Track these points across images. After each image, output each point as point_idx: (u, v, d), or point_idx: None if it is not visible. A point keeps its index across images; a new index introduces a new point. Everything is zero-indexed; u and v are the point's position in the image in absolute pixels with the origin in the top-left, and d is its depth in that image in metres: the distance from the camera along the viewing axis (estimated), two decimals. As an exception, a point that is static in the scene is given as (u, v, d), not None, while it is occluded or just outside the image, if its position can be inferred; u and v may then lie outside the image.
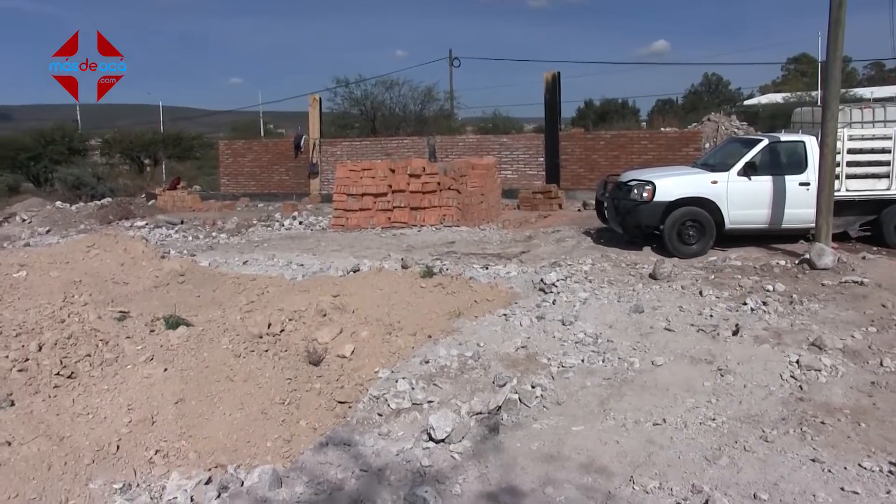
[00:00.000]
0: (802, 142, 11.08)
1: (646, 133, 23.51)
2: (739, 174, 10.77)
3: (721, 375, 5.66)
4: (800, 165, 10.93)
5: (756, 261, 9.92)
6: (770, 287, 8.27)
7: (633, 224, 11.02)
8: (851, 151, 11.07)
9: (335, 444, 4.65)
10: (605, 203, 12.03)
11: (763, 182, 10.78)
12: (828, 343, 6.18)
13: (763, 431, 4.73)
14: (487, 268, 9.74)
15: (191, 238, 14.39)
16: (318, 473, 4.27)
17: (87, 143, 31.18)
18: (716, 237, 10.74)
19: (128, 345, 5.90)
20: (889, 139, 11.16)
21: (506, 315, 7.29)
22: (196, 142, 34.55)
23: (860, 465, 4.24)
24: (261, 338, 6.17)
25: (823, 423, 4.82)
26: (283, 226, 15.91)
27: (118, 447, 4.67)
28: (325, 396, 5.53)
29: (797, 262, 9.49)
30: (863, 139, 11.22)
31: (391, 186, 14.50)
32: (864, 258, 9.80)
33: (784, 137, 11.68)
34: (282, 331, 6.44)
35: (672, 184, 10.98)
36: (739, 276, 9.00)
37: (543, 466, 4.36)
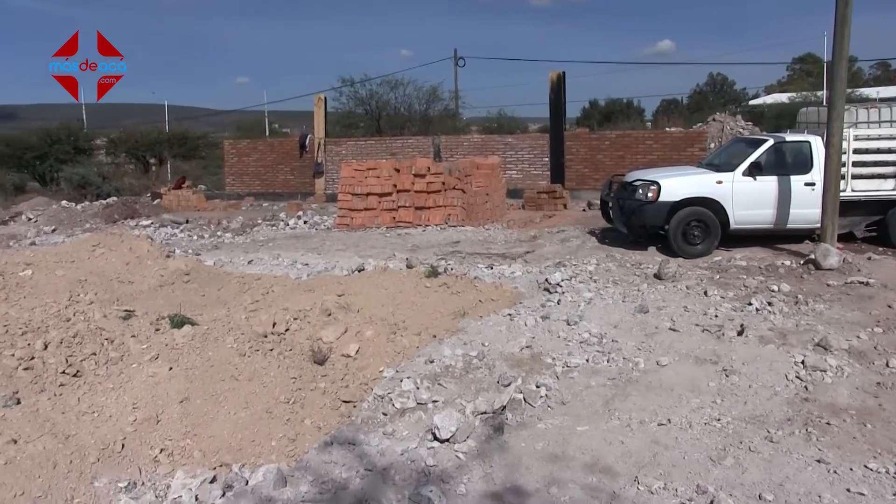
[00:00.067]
0: (808, 142, 11.05)
1: (651, 133, 23.46)
2: (744, 174, 10.75)
3: (726, 376, 5.65)
4: (805, 165, 10.90)
5: (761, 261, 9.90)
6: (775, 287, 8.26)
7: (638, 224, 11.00)
8: (857, 151, 11.05)
9: (340, 444, 4.65)
10: (610, 203, 12.02)
11: (768, 182, 10.76)
12: (833, 344, 6.16)
13: (768, 432, 4.72)
14: (492, 267, 9.73)
15: (196, 237, 14.41)
16: (323, 473, 4.27)
17: (93, 143, 31.28)
18: (721, 237, 10.73)
19: (133, 344, 5.91)
20: (895, 139, 11.13)
21: (510, 315, 7.28)
22: (201, 141, 34.61)
23: (866, 467, 4.22)
24: (266, 337, 6.18)
25: (829, 424, 4.81)
26: (288, 225, 15.93)
27: (123, 446, 4.68)
28: (330, 396, 5.53)
29: (802, 263, 9.47)
30: (869, 139, 11.20)
31: (396, 186, 14.51)
32: (870, 259, 9.77)
33: (789, 137, 11.66)
34: (287, 330, 6.44)
35: (677, 184, 10.96)
36: (744, 277, 8.98)
37: (548, 466, 4.36)
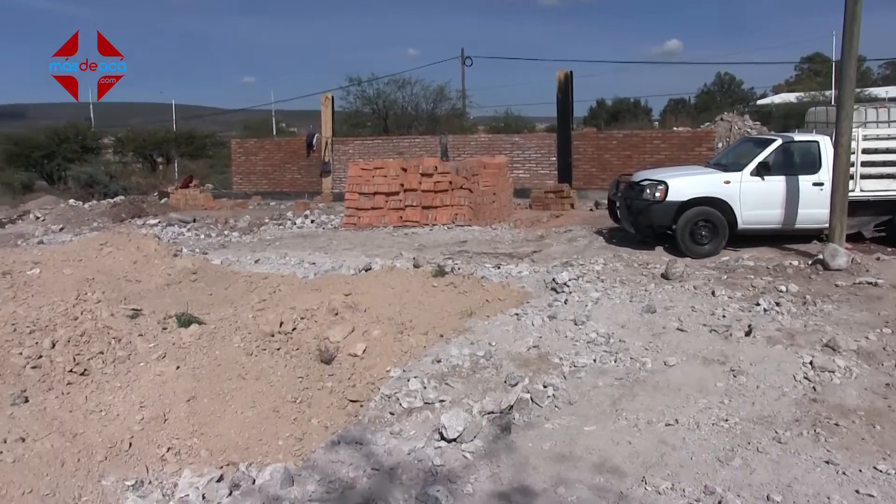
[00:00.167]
0: (816, 142, 11.00)
1: (658, 133, 23.40)
2: (752, 174, 10.72)
3: (734, 376, 5.63)
4: (813, 165, 10.86)
5: (769, 261, 9.86)
6: (783, 288, 8.23)
7: (646, 224, 10.98)
8: (866, 151, 11.00)
9: (347, 443, 4.65)
10: (618, 203, 11.99)
11: (776, 182, 10.72)
12: (842, 344, 6.13)
13: (776, 433, 4.70)
14: (499, 267, 9.73)
15: (203, 236, 14.44)
16: (330, 472, 4.27)
17: (101, 142, 31.33)
18: (728, 237, 10.69)
19: (140, 342, 5.93)
20: (904, 139, 11.08)
21: (518, 314, 7.28)
22: (208, 140, 34.66)
23: (875, 468, 4.20)
24: (273, 336, 6.18)
25: (837, 425, 4.78)
26: (295, 224, 15.94)
27: (130, 444, 4.69)
28: (337, 395, 5.53)
29: (810, 263, 9.43)
30: (878, 139, 11.15)
31: (403, 185, 14.51)
32: (879, 259, 9.72)
33: (798, 137, 11.61)
34: (294, 329, 6.45)
35: (685, 183, 10.93)
36: (752, 277, 8.95)
37: (555, 466, 4.35)
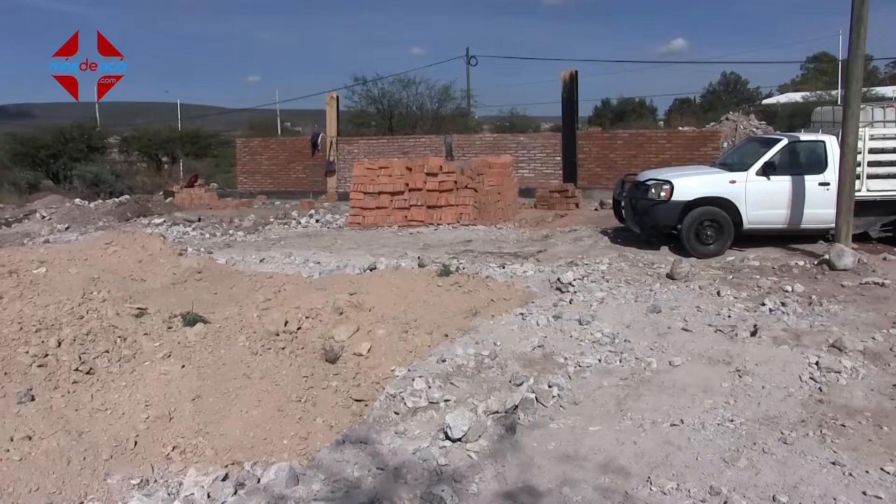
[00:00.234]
0: (822, 141, 10.97)
1: (664, 132, 23.38)
2: (758, 174, 10.69)
3: (739, 376, 5.61)
4: (820, 165, 10.83)
5: (775, 261, 9.84)
6: (789, 288, 8.20)
7: (651, 224, 10.97)
8: (873, 151, 10.96)
9: (352, 442, 4.65)
10: (623, 202, 11.99)
11: (782, 182, 10.69)
12: (848, 345, 6.11)
13: (782, 433, 4.68)
14: (504, 267, 9.72)
15: (208, 235, 14.46)
16: (335, 471, 4.27)
17: (106, 141, 31.41)
18: (734, 237, 10.67)
19: (145, 341, 5.93)
20: (911, 139, 11.05)
21: (522, 314, 7.27)
22: (213, 140, 34.76)
23: (882, 470, 4.18)
24: (278, 335, 6.19)
25: (844, 426, 4.76)
26: (300, 224, 15.96)
27: (136, 443, 4.71)
28: (342, 394, 5.54)
29: (816, 263, 9.41)
30: (885, 139, 11.12)
31: (408, 185, 14.51)
32: (885, 259, 9.69)
33: (804, 137, 11.58)
34: (298, 328, 6.46)
35: (690, 183, 10.92)
36: (758, 277, 8.93)
37: (560, 466, 4.34)
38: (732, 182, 10.76)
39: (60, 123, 27.90)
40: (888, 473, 4.13)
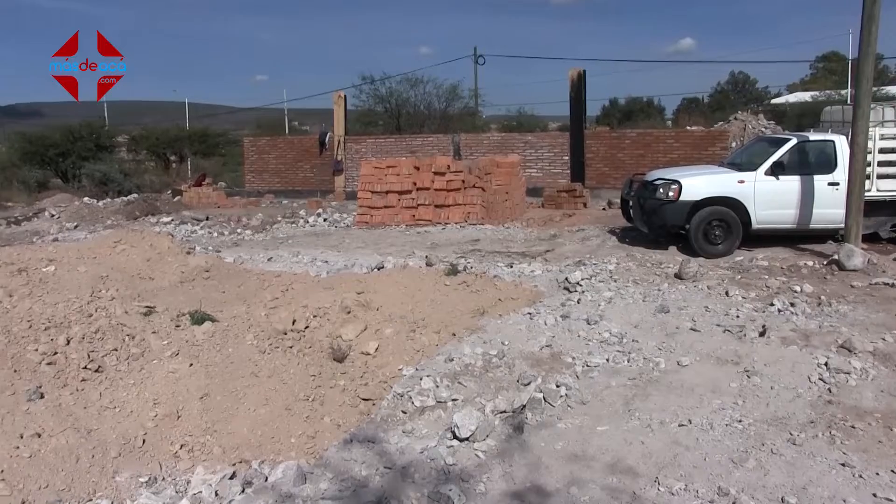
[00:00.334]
0: (832, 141, 10.92)
1: (672, 132, 23.32)
2: (767, 174, 10.65)
3: (748, 377, 5.59)
4: (829, 165, 10.78)
5: (783, 261, 9.80)
6: (798, 288, 8.17)
7: (659, 223, 10.94)
8: (883, 151, 10.91)
9: (359, 441, 4.65)
10: (631, 202, 11.96)
11: (791, 182, 10.65)
12: (857, 346, 6.07)
13: (791, 434, 4.66)
14: (512, 266, 9.71)
15: (216, 234, 14.50)
16: (343, 470, 4.27)
17: (115, 140, 31.52)
18: (742, 237, 10.64)
19: (154, 340, 5.95)
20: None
21: (530, 314, 7.26)
22: (221, 138, 34.82)
23: (893, 472, 4.14)
24: (285, 334, 6.20)
25: (853, 427, 4.73)
26: (308, 222, 15.98)
27: (144, 441, 4.72)
28: (350, 393, 5.54)
29: (826, 263, 9.36)
30: (895, 138, 11.04)
31: (416, 184, 14.52)
32: (895, 260, 9.64)
33: (813, 137, 11.53)
34: (306, 327, 6.46)
35: (698, 183, 10.88)
36: (766, 277, 8.90)
37: (568, 466, 4.33)
38: (741, 182, 10.72)
39: (69, 122, 27.98)
40: (898, 475, 4.11)
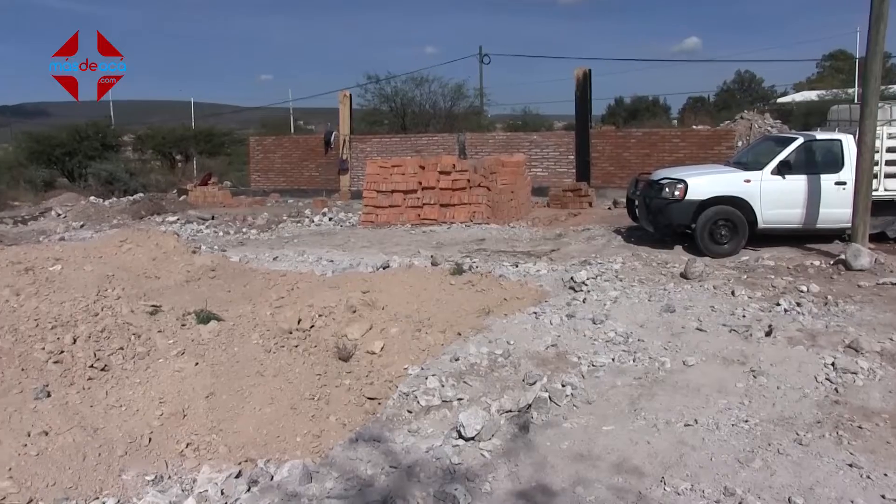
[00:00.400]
0: (839, 140, 10.88)
1: (677, 131, 23.26)
2: (773, 173, 10.63)
3: (754, 377, 5.57)
4: (836, 164, 10.74)
5: (790, 261, 9.78)
6: (804, 288, 8.14)
7: (665, 223, 10.92)
8: (891, 150, 10.90)
9: (365, 441, 4.65)
10: (636, 201, 11.94)
11: (797, 181, 10.62)
12: (865, 346, 6.05)
13: (797, 434, 4.64)
14: (517, 265, 9.71)
15: (221, 233, 14.52)
16: (348, 469, 4.27)
17: (121, 140, 31.56)
18: (748, 237, 10.61)
19: (159, 339, 5.96)
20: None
21: (536, 313, 7.25)
22: (227, 138, 34.86)
23: (901, 472, 4.14)
24: (291, 333, 6.20)
25: (861, 428, 4.71)
26: (313, 222, 16.00)
27: (150, 439, 4.73)
28: (355, 392, 5.54)
29: (832, 263, 9.34)
30: (903, 137, 11.01)
31: (421, 183, 14.52)
32: (903, 259, 9.60)
33: (820, 136, 11.48)
34: (312, 326, 6.47)
35: (704, 182, 10.86)
36: (772, 277, 8.87)
37: (574, 465, 4.33)
38: (747, 181, 10.70)
39: (76, 122, 28.06)
40: (906, 476, 4.09)
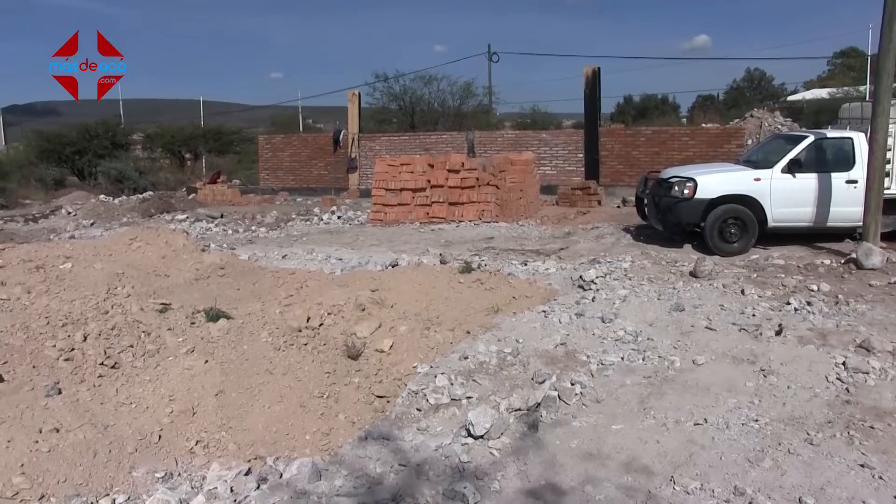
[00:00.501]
0: (850, 138, 10.80)
1: (687, 129, 23.18)
2: (783, 171, 10.56)
3: (764, 376, 5.55)
4: (847, 162, 10.67)
5: (800, 260, 9.72)
6: (814, 287, 8.10)
7: (674, 221, 10.88)
8: (902, 148, 10.78)
9: (374, 439, 4.66)
10: (646, 200, 11.90)
11: (808, 179, 10.55)
12: (876, 345, 6.01)
13: (808, 434, 4.62)
14: (526, 264, 9.70)
15: (230, 232, 14.56)
16: (358, 467, 4.28)
17: (130, 138, 31.66)
18: (758, 235, 10.56)
19: (169, 336, 5.99)
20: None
21: (545, 312, 7.24)
22: (236, 136, 34.96)
23: (913, 473, 4.11)
24: (300, 331, 6.21)
25: (872, 428, 4.68)
26: (322, 220, 16.02)
27: (160, 437, 4.75)
28: (364, 391, 5.55)
29: (843, 262, 9.28)
30: (915, 136, 10.92)
31: (430, 181, 14.52)
32: (914, 258, 9.53)
33: (831, 134, 11.40)
34: (321, 325, 6.48)
35: (714, 181, 10.81)
36: (782, 275, 8.83)
37: (583, 464, 4.32)
38: (757, 179, 10.64)
39: (86, 121, 28.16)
40: (918, 476, 4.06)
